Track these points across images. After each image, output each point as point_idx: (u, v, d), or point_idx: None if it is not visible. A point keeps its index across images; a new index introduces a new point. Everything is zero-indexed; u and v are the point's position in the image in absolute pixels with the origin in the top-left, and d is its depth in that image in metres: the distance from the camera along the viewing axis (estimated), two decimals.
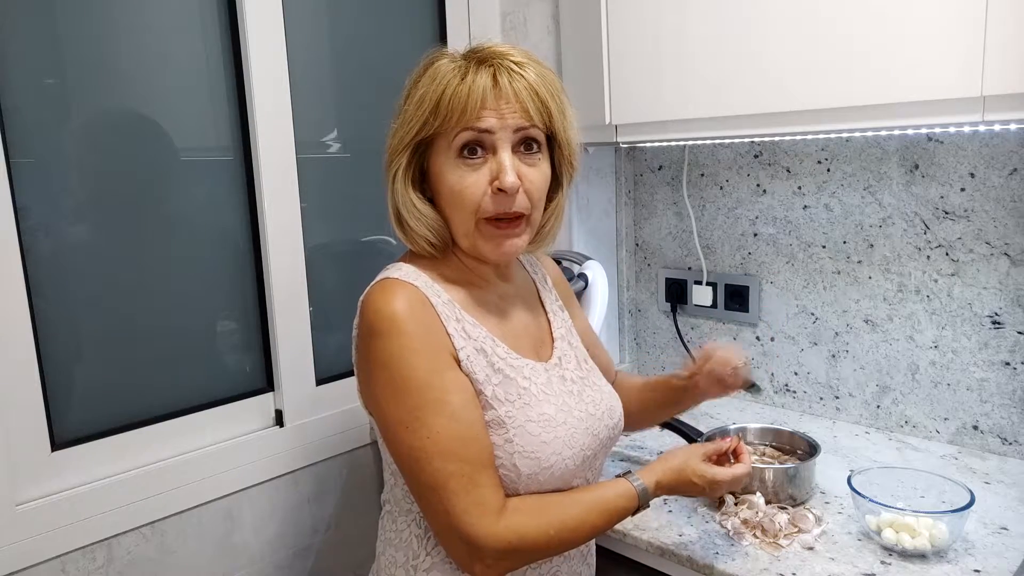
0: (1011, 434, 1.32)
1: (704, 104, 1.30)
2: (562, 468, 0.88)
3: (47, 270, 1.04)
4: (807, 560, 1.02)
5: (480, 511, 0.80)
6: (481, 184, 0.85)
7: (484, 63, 0.85)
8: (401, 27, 1.46)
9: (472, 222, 0.87)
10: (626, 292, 1.84)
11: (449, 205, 0.88)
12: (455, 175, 0.85)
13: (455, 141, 0.85)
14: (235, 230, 1.24)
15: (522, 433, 0.86)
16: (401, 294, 0.85)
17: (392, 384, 0.82)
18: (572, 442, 0.89)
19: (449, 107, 0.83)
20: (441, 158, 0.87)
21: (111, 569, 1.08)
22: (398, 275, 0.88)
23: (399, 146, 0.88)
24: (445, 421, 0.81)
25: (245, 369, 1.28)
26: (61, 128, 1.05)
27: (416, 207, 0.89)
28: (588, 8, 1.45)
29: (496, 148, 0.85)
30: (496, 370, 0.88)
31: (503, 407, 0.86)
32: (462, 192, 0.85)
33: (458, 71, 0.85)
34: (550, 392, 0.91)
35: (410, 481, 0.84)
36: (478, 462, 0.82)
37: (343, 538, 1.38)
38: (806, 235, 1.52)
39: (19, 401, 1.00)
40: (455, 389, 0.84)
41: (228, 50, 1.20)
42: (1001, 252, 1.29)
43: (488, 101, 0.83)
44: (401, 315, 0.83)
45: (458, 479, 0.80)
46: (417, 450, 0.81)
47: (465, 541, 0.80)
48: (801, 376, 1.57)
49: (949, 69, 1.04)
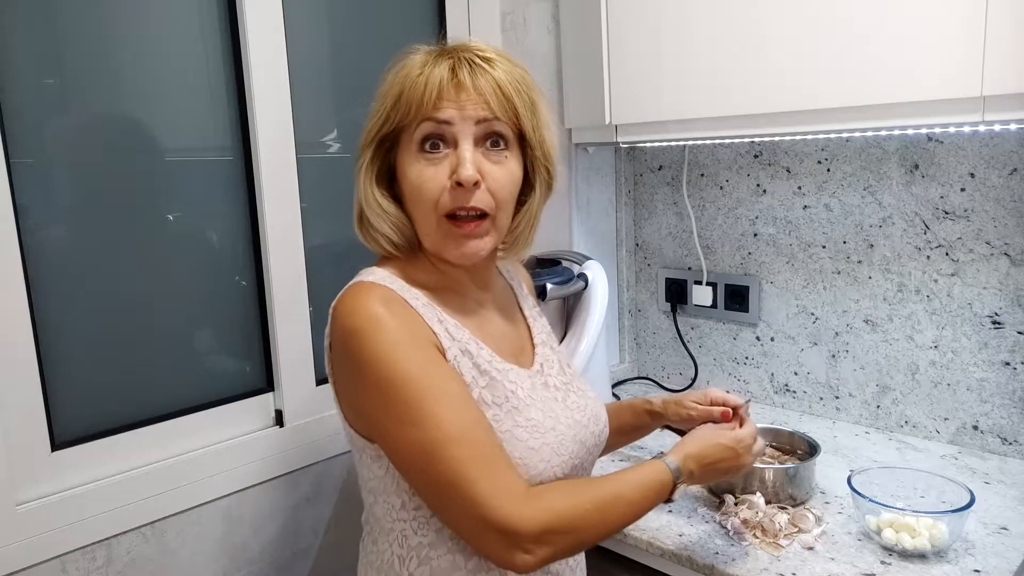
0: (1011, 434, 1.32)
1: (704, 104, 1.30)
2: (550, 477, 0.84)
3: (47, 270, 1.04)
4: (807, 560, 1.02)
5: (507, 494, 0.75)
6: (440, 178, 0.82)
7: (445, 55, 0.83)
8: (401, 27, 1.46)
9: (433, 219, 0.83)
10: (626, 292, 1.84)
11: (410, 201, 0.85)
12: (415, 169, 0.83)
13: (416, 134, 0.82)
14: (235, 230, 1.24)
15: (510, 439, 0.82)
16: (376, 294, 0.81)
17: (384, 382, 0.77)
18: (561, 449, 0.86)
19: (407, 99, 0.82)
20: (404, 153, 0.85)
21: (111, 569, 1.08)
22: (371, 278, 0.84)
23: (364, 142, 0.87)
24: (452, 408, 0.77)
25: (245, 369, 1.28)
26: (61, 128, 1.05)
27: (379, 204, 0.87)
28: (588, 8, 1.45)
29: (457, 141, 0.82)
30: (482, 372, 0.84)
31: (490, 411, 0.82)
32: (421, 187, 0.82)
33: (420, 65, 0.83)
34: (536, 398, 0.88)
35: (423, 481, 0.78)
36: (493, 445, 0.78)
37: (343, 539, 1.38)
38: (806, 235, 1.52)
39: (19, 401, 1.00)
40: (452, 377, 0.80)
41: (228, 50, 1.20)
42: (1001, 252, 1.29)
43: (445, 92, 0.81)
44: (380, 312, 0.79)
45: (477, 464, 0.75)
46: (427, 443, 0.75)
47: (498, 530, 0.74)
48: (801, 376, 1.57)
49: (949, 69, 1.04)
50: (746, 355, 1.65)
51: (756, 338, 1.63)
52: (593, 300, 1.45)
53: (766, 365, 1.62)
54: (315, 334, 1.32)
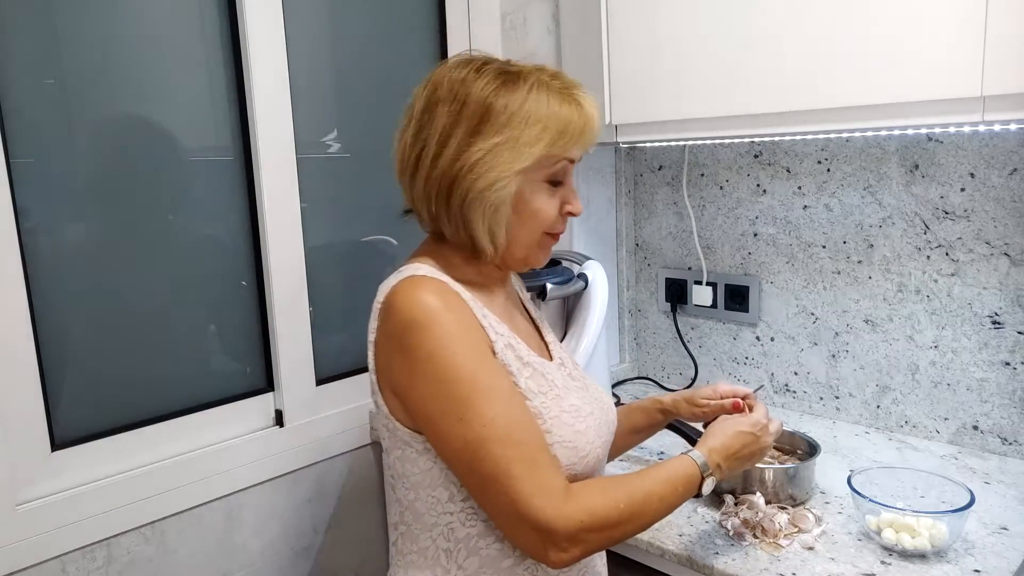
0: (1011, 434, 1.32)
1: (704, 104, 1.30)
2: (594, 457, 0.89)
3: (47, 270, 1.04)
4: (807, 560, 1.02)
5: (547, 493, 0.78)
6: (555, 207, 0.90)
7: (575, 91, 0.88)
8: (401, 26, 1.46)
9: (537, 237, 0.90)
10: (626, 292, 1.84)
11: (523, 222, 0.88)
12: (540, 198, 0.88)
13: (554, 167, 0.87)
14: (235, 230, 1.24)
15: (558, 424, 0.86)
16: (433, 287, 0.84)
17: (439, 377, 0.80)
18: (600, 431, 0.92)
19: (570, 135, 0.86)
20: (529, 177, 0.86)
21: (111, 569, 1.08)
22: (423, 272, 0.86)
23: (509, 169, 0.84)
24: (499, 406, 0.80)
25: (245, 369, 1.28)
26: (61, 128, 1.05)
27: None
28: (588, 8, 1.45)
29: (567, 175, 0.89)
30: (525, 363, 0.89)
31: (537, 399, 0.86)
32: (540, 213, 0.88)
33: (563, 97, 0.86)
34: (569, 387, 0.93)
35: (467, 475, 0.82)
36: (537, 444, 0.81)
37: (343, 538, 1.38)
38: (806, 235, 1.52)
39: (19, 401, 1.00)
40: (501, 374, 0.84)
41: (228, 50, 1.20)
42: (1001, 252, 1.29)
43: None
44: (439, 306, 0.82)
45: (521, 463, 0.78)
46: (474, 441, 0.79)
47: (535, 527, 0.78)
48: (801, 376, 1.57)
49: (949, 69, 1.04)
50: (746, 355, 1.65)
51: (756, 338, 1.63)
52: (593, 300, 1.45)
53: (766, 365, 1.62)
54: (315, 334, 1.32)
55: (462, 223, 0.87)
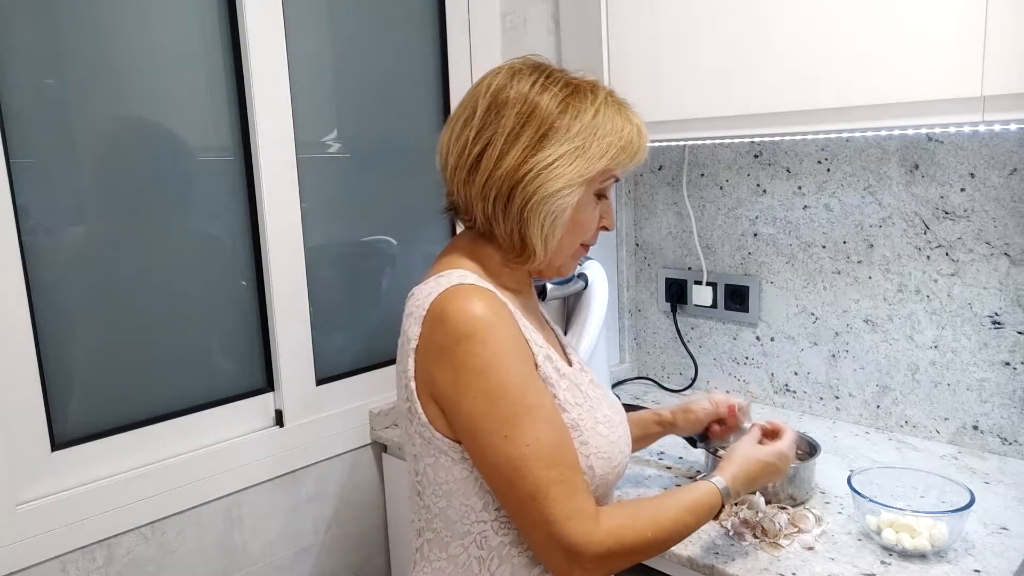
0: (1011, 434, 1.32)
1: (704, 104, 1.30)
2: (623, 467, 0.91)
3: (47, 270, 1.04)
4: (807, 560, 1.02)
5: (581, 517, 0.79)
6: (596, 219, 0.92)
7: (630, 109, 0.91)
8: (401, 26, 1.46)
9: (576, 246, 0.92)
10: (626, 292, 1.84)
11: (571, 231, 0.89)
12: (588, 209, 0.90)
13: (605, 182, 0.89)
14: (235, 230, 1.24)
15: (594, 435, 0.87)
16: (485, 299, 0.82)
17: (489, 394, 0.79)
18: (627, 439, 0.93)
19: (629, 152, 0.88)
20: (586, 189, 0.88)
21: (111, 569, 1.08)
22: (471, 280, 0.85)
23: (577, 178, 0.85)
24: (544, 427, 0.80)
25: (245, 369, 1.28)
26: (61, 128, 1.05)
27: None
28: (588, 8, 1.45)
29: (609, 191, 0.92)
30: (561, 375, 0.88)
31: (575, 410, 0.87)
32: (585, 223, 0.90)
33: (624, 116, 0.88)
34: (596, 396, 0.93)
35: (505, 491, 0.81)
36: (574, 467, 0.82)
37: (343, 538, 1.38)
38: (806, 235, 1.52)
39: (19, 401, 1.00)
40: (545, 392, 0.84)
41: (228, 50, 1.20)
42: (1001, 252, 1.29)
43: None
44: (493, 320, 0.80)
45: (559, 486, 0.79)
46: (516, 459, 0.79)
47: (566, 548, 0.78)
48: (801, 376, 1.57)
49: (949, 69, 1.04)
50: (746, 355, 1.65)
51: (756, 338, 1.63)
52: (593, 300, 1.45)
53: (766, 365, 1.62)
54: (315, 334, 1.32)
55: (518, 226, 0.86)
